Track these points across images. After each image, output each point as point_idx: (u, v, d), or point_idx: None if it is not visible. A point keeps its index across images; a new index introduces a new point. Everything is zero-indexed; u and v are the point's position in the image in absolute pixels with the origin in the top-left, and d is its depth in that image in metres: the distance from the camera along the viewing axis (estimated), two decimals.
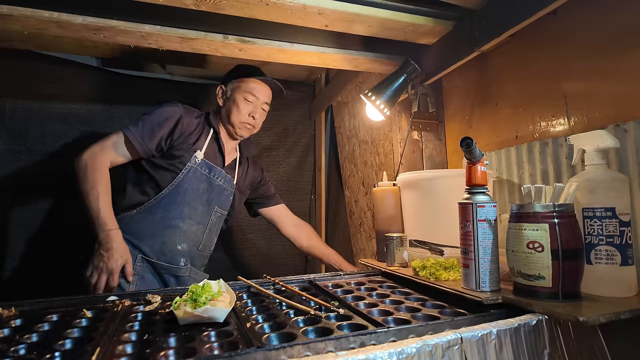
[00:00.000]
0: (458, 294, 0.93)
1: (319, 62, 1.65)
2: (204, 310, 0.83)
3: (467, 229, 0.94)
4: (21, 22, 1.20)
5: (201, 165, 1.57)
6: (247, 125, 1.64)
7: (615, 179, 0.88)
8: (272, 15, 1.24)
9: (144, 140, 1.46)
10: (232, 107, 1.62)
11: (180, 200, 1.52)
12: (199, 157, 1.56)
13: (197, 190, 1.57)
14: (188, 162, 1.53)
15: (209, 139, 1.61)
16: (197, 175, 1.56)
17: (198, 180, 1.57)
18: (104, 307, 1.03)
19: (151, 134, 1.47)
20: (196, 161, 1.55)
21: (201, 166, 1.57)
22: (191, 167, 1.54)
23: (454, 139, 1.68)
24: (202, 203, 1.60)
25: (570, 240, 0.82)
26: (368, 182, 2.12)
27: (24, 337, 0.81)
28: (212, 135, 1.63)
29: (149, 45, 1.39)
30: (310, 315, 0.87)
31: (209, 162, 1.59)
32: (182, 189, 1.53)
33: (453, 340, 0.69)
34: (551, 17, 1.17)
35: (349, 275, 1.34)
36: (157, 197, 1.51)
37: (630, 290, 0.85)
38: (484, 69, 1.48)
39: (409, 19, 1.33)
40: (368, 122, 2.06)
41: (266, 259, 2.68)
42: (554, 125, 1.20)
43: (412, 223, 1.40)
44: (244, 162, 1.80)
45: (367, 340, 0.72)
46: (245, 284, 1.19)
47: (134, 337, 0.81)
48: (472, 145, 0.92)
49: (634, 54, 0.99)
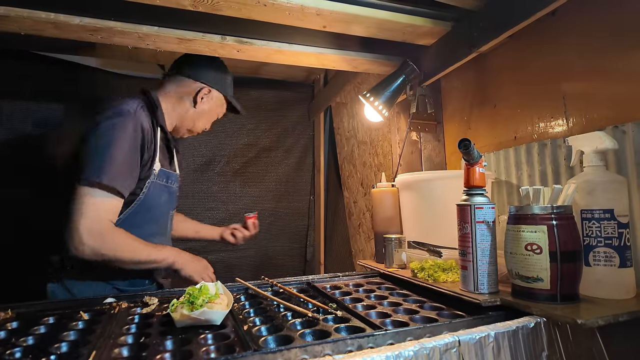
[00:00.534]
0: (456, 296, 0.93)
1: (317, 63, 1.64)
2: (201, 312, 0.82)
3: (465, 230, 0.93)
4: (18, 23, 1.20)
5: (159, 176, 1.35)
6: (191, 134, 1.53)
7: (614, 181, 0.88)
8: (270, 16, 1.23)
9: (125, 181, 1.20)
10: (204, 117, 1.48)
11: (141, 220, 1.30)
12: (157, 168, 1.33)
13: (159, 205, 1.38)
14: (148, 177, 1.30)
15: (159, 142, 1.35)
16: (157, 188, 1.35)
17: (159, 194, 1.37)
18: (100, 309, 1.02)
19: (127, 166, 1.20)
20: (154, 174, 1.32)
21: (159, 177, 1.35)
22: (151, 183, 1.31)
23: (452, 139, 1.68)
24: (164, 214, 1.44)
25: (569, 242, 0.81)
26: (367, 183, 2.12)
27: (19, 340, 0.81)
28: (161, 137, 1.37)
29: (146, 46, 1.38)
30: (307, 318, 0.87)
31: (165, 169, 1.39)
32: (146, 206, 1.31)
33: (451, 343, 0.68)
34: (550, 18, 1.16)
35: (348, 276, 1.33)
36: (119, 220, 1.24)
37: (629, 292, 0.85)
38: (482, 69, 1.48)
39: (407, 19, 1.32)
40: (367, 123, 2.06)
41: (265, 259, 2.68)
42: (552, 126, 1.20)
43: (411, 224, 1.40)
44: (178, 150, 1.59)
45: (364, 343, 0.72)
46: (243, 285, 1.18)
47: (131, 339, 0.80)
48: (469, 147, 0.92)
49: (633, 55, 0.98)
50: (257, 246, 2.66)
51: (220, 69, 1.49)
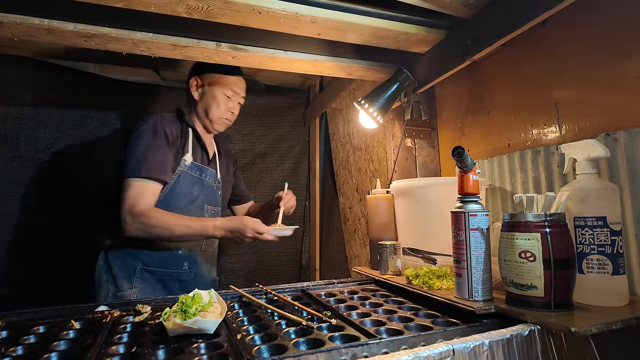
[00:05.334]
0: (451, 303, 0.93)
1: (312, 70, 1.65)
2: (194, 321, 0.82)
3: (459, 237, 0.93)
4: (11, 28, 1.19)
5: (191, 168, 1.55)
6: (225, 121, 1.64)
7: (606, 188, 0.88)
8: (265, 24, 1.23)
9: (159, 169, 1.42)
10: (212, 102, 1.59)
11: (174, 205, 1.49)
12: (188, 161, 1.54)
13: (190, 194, 1.55)
14: (178, 166, 1.51)
15: (191, 140, 1.58)
16: (188, 178, 1.54)
17: (190, 184, 1.54)
18: (92, 317, 1.01)
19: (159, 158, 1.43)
20: (185, 165, 1.53)
21: (191, 169, 1.55)
22: (182, 172, 1.52)
23: (447, 146, 1.68)
24: (197, 205, 1.58)
25: (562, 250, 0.82)
26: (362, 189, 2.12)
27: (8, 350, 0.79)
28: (192, 135, 1.59)
29: (141, 53, 1.38)
30: (301, 326, 0.86)
31: (198, 164, 1.58)
32: (175, 193, 1.50)
33: (445, 352, 0.68)
34: (541, 27, 1.18)
35: (343, 283, 1.33)
36: None
37: (622, 299, 0.85)
38: (476, 77, 1.49)
39: (401, 27, 1.33)
40: (362, 129, 2.06)
41: (260, 265, 2.67)
42: (545, 133, 1.21)
43: (406, 231, 1.40)
44: (222, 153, 1.79)
45: (358, 352, 0.71)
46: (237, 293, 1.18)
47: (122, 349, 0.80)
48: (463, 155, 0.92)
49: (624, 63, 1.00)
50: (252, 252, 2.64)
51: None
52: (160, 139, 1.46)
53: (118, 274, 1.49)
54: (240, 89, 1.64)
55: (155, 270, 1.51)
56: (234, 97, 1.62)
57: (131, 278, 1.48)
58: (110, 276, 1.49)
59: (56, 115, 2.11)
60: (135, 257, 1.50)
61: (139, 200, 1.38)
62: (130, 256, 1.50)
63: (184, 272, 1.55)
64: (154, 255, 1.51)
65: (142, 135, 1.45)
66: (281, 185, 1.81)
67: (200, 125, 1.65)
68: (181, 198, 1.51)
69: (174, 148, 1.50)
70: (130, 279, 1.48)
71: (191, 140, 1.58)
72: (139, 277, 1.49)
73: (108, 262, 1.51)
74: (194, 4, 1.11)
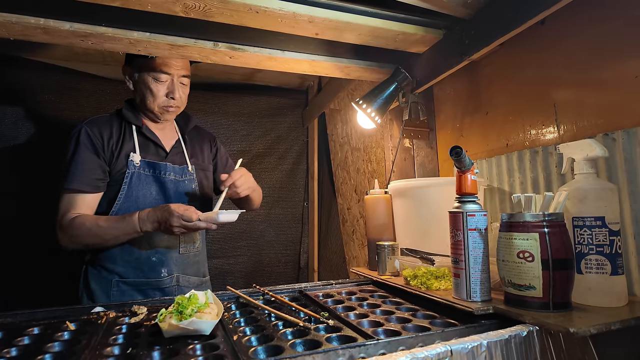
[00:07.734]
0: (449, 304, 0.92)
1: (309, 70, 1.64)
2: (190, 322, 0.81)
3: (457, 238, 0.93)
4: (6, 28, 1.18)
5: (142, 167, 1.43)
6: (168, 109, 1.45)
7: (605, 188, 0.88)
8: (262, 23, 1.23)
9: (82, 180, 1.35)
10: (145, 91, 1.43)
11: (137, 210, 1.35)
12: (136, 160, 1.42)
13: (150, 195, 1.44)
14: (127, 168, 1.40)
15: (136, 137, 1.45)
16: (142, 179, 1.43)
17: (146, 184, 1.43)
18: (87, 319, 1.00)
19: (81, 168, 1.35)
20: (135, 165, 1.41)
21: (143, 168, 1.43)
22: (133, 173, 1.41)
23: (445, 146, 1.68)
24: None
25: (561, 250, 0.81)
26: (360, 190, 2.11)
27: (2, 351, 0.78)
28: (136, 132, 1.46)
29: (137, 52, 1.37)
30: (299, 327, 0.86)
31: (149, 160, 1.45)
32: (133, 197, 1.41)
33: (443, 352, 0.68)
34: (540, 27, 1.18)
35: (341, 284, 1.32)
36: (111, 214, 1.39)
37: (621, 300, 0.85)
38: (474, 77, 1.49)
39: (399, 27, 1.33)
40: (360, 130, 2.06)
41: (258, 266, 2.66)
42: (544, 133, 1.21)
43: (404, 231, 1.39)
44: (191, 137, 1.62)
45: (356, 353, 0.71)
46: (234, 294, 1.17)
47: (117, 350, 0.79)
48: (461, 154, 0.92)
49: (622, 63, 0.99)
50: (250, 253, 2.64)
51: None
52: (81, 148, 1.37)
53: (94, 288, 1.41)
54: (175, 67, 1.43)
55: (131, 281, 1.42)
56: (169, 78, 1.43)
57: (108, 292, 1.40)
58: (89, 291, 1.41)
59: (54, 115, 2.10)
60: (110, 270, 1.41)
61: (66, 213, 1.33)
62: (105, 269, 1.41)
63: (163, 280, 1.44)
64: (129, 265, 1.41)
65: (67, 146, 1.40)
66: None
67: (148, 119, 1.51)
68: (140, 201, 1.41)
69: (106, 153, 1.40)
70: (108, 292, 1.40)
71: (136, 137, 1.45)
72: (116, 290, 1.40)
73: (87, 278, 1.43)
74: (190, 3, 1.10)
